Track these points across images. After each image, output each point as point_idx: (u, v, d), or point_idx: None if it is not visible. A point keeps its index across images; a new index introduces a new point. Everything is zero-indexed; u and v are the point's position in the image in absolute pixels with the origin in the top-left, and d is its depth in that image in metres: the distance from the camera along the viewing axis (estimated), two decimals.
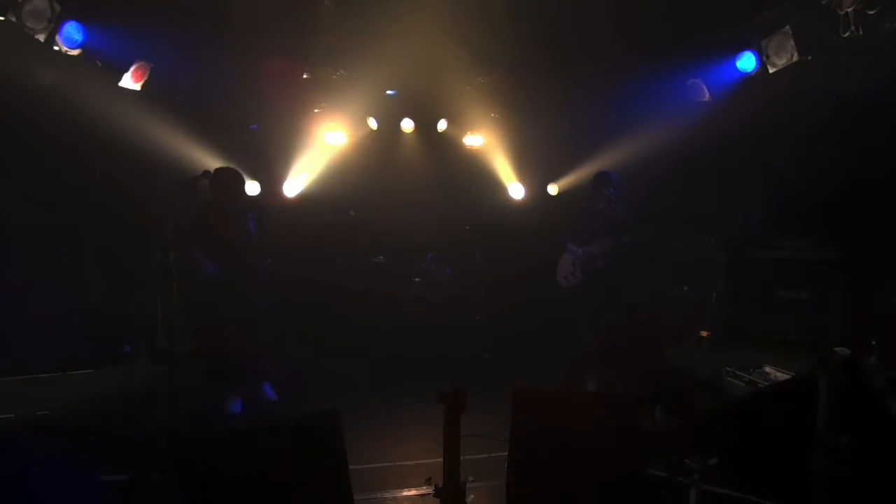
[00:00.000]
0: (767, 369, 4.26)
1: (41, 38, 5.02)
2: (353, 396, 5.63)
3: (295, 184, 7.60)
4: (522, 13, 5.69)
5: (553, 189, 8.09)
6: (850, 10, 4.79)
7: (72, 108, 5.48)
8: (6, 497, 3.07)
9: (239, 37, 6.03)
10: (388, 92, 7.59)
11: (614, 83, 6.86)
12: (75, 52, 5.37)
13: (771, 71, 5.74)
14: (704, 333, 5.18)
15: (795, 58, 5.45)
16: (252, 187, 7.17)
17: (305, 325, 6.99)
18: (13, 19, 4.84)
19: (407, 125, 7.83)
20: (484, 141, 8.01)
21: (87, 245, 6.15)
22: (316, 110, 7.58)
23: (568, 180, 7.88)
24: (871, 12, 4.66)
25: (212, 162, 6.20)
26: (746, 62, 5.96)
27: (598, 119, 7.34)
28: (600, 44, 6.17)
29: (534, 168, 8.11)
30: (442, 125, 7.96)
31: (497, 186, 8.21)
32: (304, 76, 7.09)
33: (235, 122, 7.31)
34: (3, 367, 4.46)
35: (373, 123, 7.76)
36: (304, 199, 7.66)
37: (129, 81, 5.92)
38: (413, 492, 3.74)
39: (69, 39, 5.27)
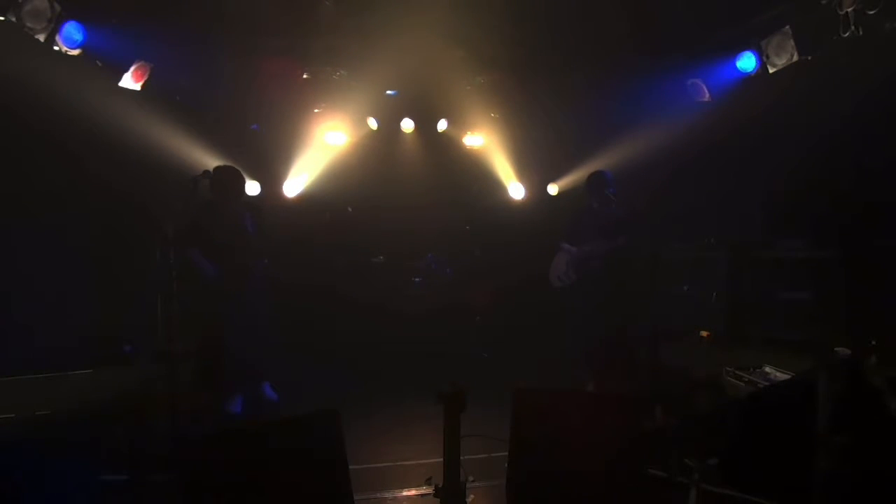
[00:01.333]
0: (767, 369, 4.25)
1: (41, 38, 5.01)
2: (353, 396, 5.63)
3: (295, 184, 7.61)
4: (522, 13, 5.69)
5: (553, 189, 8.10)
6: (850, 10, 4.79)
7: (71, 109, 5.47)
8: (7, 498, 3.07)
9: (239, 37, 6.03)
10: (388, 92, 7.58)
11: (614, 83, 6.87)
12: (75, 52, 5.36)
13: (771, 71, 5.75)
14: (704, 333, 5.17)
15: (795, 58, 5.45)
16: (252, 187, 7.18)
17: (305, 325, 6.99)
18: (13, 19, 4.83)
19: (407, 125, 7.83)
20: (484, 141, 8.01)
21: (87, 245, 6.15)
22: (316, 110, 7.57)
23: (568, 180, 7.89)
24: (871, 12, 4.66)
25: (212, 162, 6.19)
26: (746, 62, 5.96)
27: (598, 119, 7.35)
28: (600, 44, 6.18)
29: (534, 168, 8.11)
30: (442, 125, 7.96)
31: (497, 186, 8.21)
32: (304, 76, 7.08)
33: (235, 122, 7.31)
34: (3, 367, 4.45)
35: (373, 123, 7.75)
36: (305, 199, 7.66)
37: (129, 81, 5.92)
38: (413, 492, 3.74)
39: (69, 39, 5.26)
